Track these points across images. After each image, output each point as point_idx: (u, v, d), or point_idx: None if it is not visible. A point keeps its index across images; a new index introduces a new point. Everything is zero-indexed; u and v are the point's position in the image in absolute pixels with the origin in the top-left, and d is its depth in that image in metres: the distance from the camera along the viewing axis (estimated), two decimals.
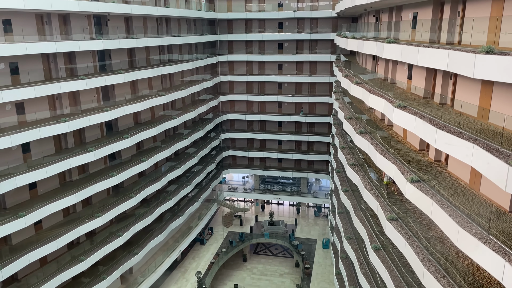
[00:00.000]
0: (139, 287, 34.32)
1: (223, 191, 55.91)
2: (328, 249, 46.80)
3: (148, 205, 36.39)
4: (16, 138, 22.53)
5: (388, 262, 18.51)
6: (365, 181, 21.49)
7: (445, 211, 12.72)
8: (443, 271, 13.64)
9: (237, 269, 45.16)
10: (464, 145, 11.40)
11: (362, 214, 23.12)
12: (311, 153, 51.78)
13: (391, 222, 17.08)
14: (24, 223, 23.42)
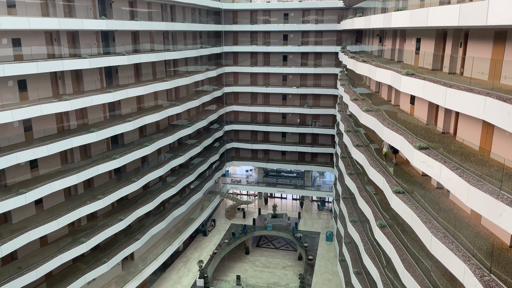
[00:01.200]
0: (140, 274, 33.97)
1: (226, 183, 55.56)
2: (332, 241, 46.26)
3: (150, 192, 36.07)
4: (18, 114, 22.29)
5: (394, 238, 18.09)
6: (370, 160, 21.09)
7: (455, 172, 12.31)
8: (451, 237, 13.20)
9: (240, 261, 44.74)
10: (475, 99, 11.00)
11: (367, 195, 22.69)
12: (315, 145, 51.34)
13: (398, 195, 16.67)
14: (24, 200, 23.17)
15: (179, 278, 39.16)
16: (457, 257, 12.23)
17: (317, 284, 38.13)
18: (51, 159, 26.90)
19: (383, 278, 19.31)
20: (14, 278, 23.25)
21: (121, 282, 32.57)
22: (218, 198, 51.48)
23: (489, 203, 10.54)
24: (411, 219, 15.32)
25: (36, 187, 24.03)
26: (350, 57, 25.37)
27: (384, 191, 18.49)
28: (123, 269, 34.82)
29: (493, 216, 10.46)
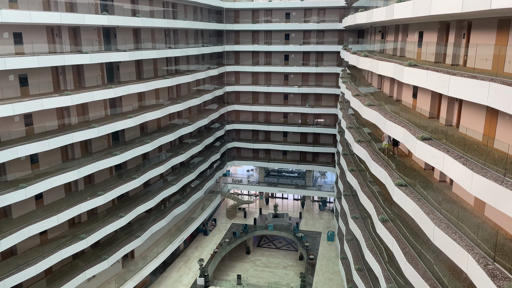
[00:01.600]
0: (140, 272, 33.80)
1: (227, 183, 55.42)
2: (333, 241, 46.04)
3: (151, 190, 35.95)
4: (19, 108, 22.25)
5: (396, 232, 17.93)
6: (372, 154, 20.95)
7: (458, 160, 12.17)
8: (454, 228, 13.05)
9: (240, 261, 44.54)
10: (479, 85, 10.87)
11: (369, 190, 22.54)
12: (317, 145, 51.20)
13: (400, 188, 16.52)
14: (24, 194, 23.08)
15: (179, 277, 38.97)
16: (460, 246, 12.07)
17: (318, 283, 37.89)
18: (52, 155, 26.83)
19: (385, 273, 19.12)
20: (13, 273, 23.09)
21: (121, 280, 32.40)
22: (219, 198, 51.33)
23: (493, 189, 10.40)
24: (414, 211, 15.17)
25: (36, 182, 23.93)
26: (352, 53, 25.26)
27: (386, 185, 18.35)
28: (123, 267, 34.65)
29: (498, 203, 10.32)
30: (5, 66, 21.48)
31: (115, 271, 33.65)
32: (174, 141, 41.26)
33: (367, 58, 21.14)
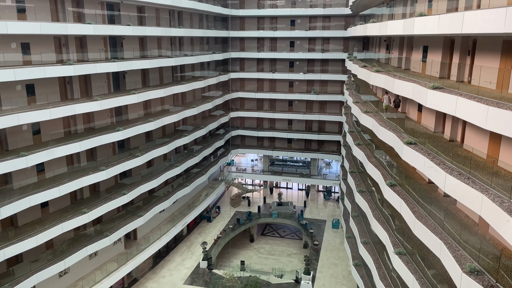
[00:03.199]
0: (143, 252, 33.42)
1: (231, 172, 55.01)
2: (338, 229, 45.44)
3: (154, 171, 35.59)
4: (20, 73, 21.95)
5: (404, 194, 17.39)
6: (380, 121, 20.43)
7: (473, 100, 11.66)
8: (466, 174, 12.53)
9: (244, 248, 44.03)
10: None
11: (376, 161, 22.01)
12: (322, 133, 50.64)
13: (410, 146, 16.01)
14: (25, 162, 22.77)
15: (182, 261, 38.55)
16: (474, 189, 11.56)
17: (323, 267, 37.32)
18: (53, 126, 26.54)
19: (392, 239, 18.59)
20: (13, 243, 22.74)
21: (123, 259, 32.03)
22: (223, 185, 50.94)
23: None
24: (424, 165, 14.65)
25: (38, 151, 23.62)
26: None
27: (395, 147, 17.83)
28: (125, 248, 34.26)
29: None
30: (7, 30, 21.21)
31: (118, 251, 33.29)
32: (178, 124, 40.89)
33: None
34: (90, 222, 30.40)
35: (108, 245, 30.14)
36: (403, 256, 17.07)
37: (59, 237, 27.61)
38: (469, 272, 11.60)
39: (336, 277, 35.68)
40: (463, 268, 11.81)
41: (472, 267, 11.64)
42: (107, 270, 30.32)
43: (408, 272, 16.03)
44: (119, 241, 33.49)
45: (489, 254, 12.27)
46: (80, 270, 29.70)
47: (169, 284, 34.55)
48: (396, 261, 17.15)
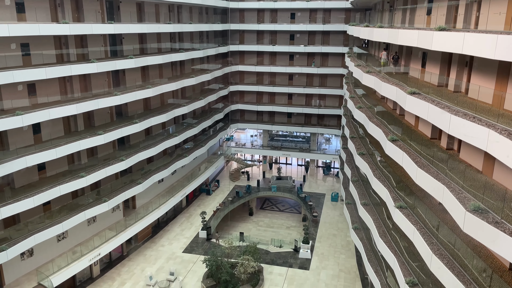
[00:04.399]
0: (142, 220, 33.32)
1: (231, 147, 54.75)
2: (337, 202, 45.43)
3: (153, 140, 35.26)
4: (14, 29, 21.37)
5: (406, 147, 17.10)
6: (382, 78, 20.02)
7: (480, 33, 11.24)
8: (472, 114, 12.20)
9: (243, 221, 44.05)
10: None
11: (377, 121, 21.65)
12: (323, 107, 50.17)
13: (414, 96, 15.64)
14: (21, 121, 22.38)
15: (181, 231, 38.57)
16: (480, 125, 11.23)
17: (322, 237, 37.36)
18: (50, 88, 26.08)
19: (393, 195, 18.38)
20: (10, 203, 22.52)
21: (122, 226, 31.96)
22: (222, 159, 50.74)
23: None
24: (427, 112, 14.31)
25: (34, 111, 23.22)
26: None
27: (398, 101, 17.48)
28: (124, 216, 34.16)
29: None
30: None
31: (117, 219, 33.20)
32: (176, 94, 40.41)
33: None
34: (89, 188, 30.30)
35: (106, 210, 30.01)
36: (403, 210, 16.88)
37: (58, 202, 27.51)
38: (473, 210, 11.37)
39: (334, 247, 35.73)
40: (466, 208, 11.57)
41: (476, 205, 11.41)
42: (106, 237, 30.25)
43: (409, 223, 15.85)
44: (117, 209, 33.39)
45: (494, 195, 12.03)
46: (78, 236, 29.65)
47: (168, 253, 34.60)
48: (397, 214, 16.96)
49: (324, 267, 32.66)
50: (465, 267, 12.79)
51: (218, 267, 29.27)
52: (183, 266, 32.61)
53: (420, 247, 14.82)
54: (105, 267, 32.05)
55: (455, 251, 13.70)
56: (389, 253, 18.33)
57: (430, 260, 13.93)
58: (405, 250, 18.10)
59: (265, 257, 33.91)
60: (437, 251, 13.88)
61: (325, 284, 30.41)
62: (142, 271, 31.66)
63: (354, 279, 31.07)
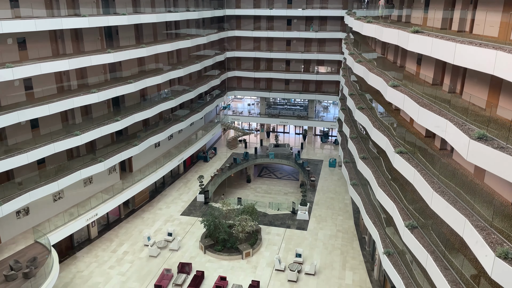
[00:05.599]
0: (139, 183, 33.12)
1: (228, 115, 54.20)
2: (335, 167, 45.33)
3: (149, 101, 34.70)
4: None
5: (407, 91, 16.67)
6: (383, 25, 19.39)
7: None
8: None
9: (241, 188, 44.01)
10: None
11: (378, 71, 21.14)
12: (321, 73, 49.42)
13: (417, 34, 15.10)
14: (11, 75, 21.72)
15: (179, 195, 38.47)
16: (486, 49, 10.77)
17: (320, 201, 37.37)
18: (41, 42, 25.28)
19: (393, 142, 18.08)
20: (3, 158, 22.10)
21: (119, 188, 31.74)
22: (219, 126, 50.28)
23: None
24: (431, 48, 13.81)
25: (25, 64, 22.54)
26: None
27: (400, 43, 16.94)
28: (121, 179, 33.91)
29: None
30: None
31: (113, 181, 32.94)
32: (172, 56, 39.57)
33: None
34: (85, 150, 29.92)
35: (103, 171, 29.76)
36: (404, 155, 16.59)
37: (53, 162, 27.16)
38: (478, 138, 11.06)
39: (332, 209, 35.78)
40: (471, 136, 11.25)
41: (480, 133, 11.08)
42: (103, 198, 30.05)
43: (409, 166, 15.60)
44: (114, 171, 33.11)
45: (498, 127, 11.70)
46: (75, 197, 29.43)
47: (166, 215, 34.55)
48: (397, 159, 16.69)
49: (321, 227, 32.75)
50: (468, 203, 12.57)
51: (216, 226, 29.26)
52: (181, 228, 32.61)
53: (421, 188, 14.61)
54: (103, 229, 32.03)
55: (456, 189, 13.47)
56: (388, 200, 18.18)
57: (431, 198, 13.73)
58: (405, 198, 17.94)
59: (263, 219, 33.96)
60: (438, 189, 13.66)
61: (323, 243, 30.53)
62: (140, 233, 31.65)
63: (352, 238, 31.20)
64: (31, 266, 21.90)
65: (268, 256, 28.81)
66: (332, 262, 28.09)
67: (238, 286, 25.07)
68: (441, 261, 13.73)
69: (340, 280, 26.26)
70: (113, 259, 28.42)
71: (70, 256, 28.67)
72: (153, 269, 27.31)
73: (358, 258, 28.65)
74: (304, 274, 26.72)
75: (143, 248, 29.60)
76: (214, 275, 26.56)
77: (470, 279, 12.47)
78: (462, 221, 11.82)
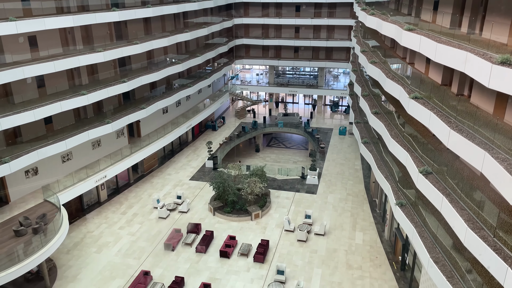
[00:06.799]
0: (148, 147, 32.91)
1: (236, 84, 53.50)
2: (345, 135, 44.71)
3: (156, 65, 34.17)
4: None
5: (423, 32, 15.88)
6: None
7: None
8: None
9: (250, 157, 43.66)
10: None
11: (392, 19, 20.25)
12: (331, 39, 48.19)
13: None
14: (15, 28, 21.30)
15: (188, 162, 38.31)
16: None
17: (329, 166, 36.92)
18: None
19: (406, 89, 17.39)
20: (9, 115, 21.88)
21: (127, 151, 31.61)
22: (227, 95, 49.68)
23: None
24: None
25: (29, 19, 22.05)
26: None
27: None
28: (129, 143, 33.74)
29: None
30: None
31: (122, 145, 32.78)
32: (179, 22, 38.77)
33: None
34: (92, 112, 29.68)
35: (111, 133, 29.57)
36: (419, 100, 15.93)
37: (60, 123, 26.99)
38: (501, 63, 10.38)
39: (342, 174, 35.34)
40: (493, 61, 10.57)
41: (504, 57, 10.38)
42: (111, 161, 29.93)
43: (425, 109, 14.96)
44: (122, 135, 32.93)
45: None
46: (84, 159, 29.34)
47: (175, 180, 34.47)
48: (412, 105, 16.05)
49: (331, 191, 32.40)
50: (487, 139, 11.98)
51: (225, 188, 29.07)
52: (190, 192, 32.52)
53: (437, 129, 14.01)
54: (112, 193, 32.08)
55: (475, 127, 12.85)
56: (401, 150, 17.63)
57: (448, 137, 13.14)
58: (418, 149, 17.38)
59: (272, 183, 33.73)
60: (456, 127, 13.05)
61: (333, 206, 30.22)
62: (149, 196, 31.65)
63: (362, 201, 30.83)
64: (41, 222, 21.95)
65: (278, 218, 28.64)
66: (342, 224, 27.82)
67: (248, 245, 24.99)
68: (456, 202, 13.25)
69: (350, 240, 26.02)
70: (122, 220, 28.50)
71: (80, 217, 28.81)
72: (162, 229, 27.34)
73: (368, 219, 28.34)
74: (313, 235, 26.53)
75: (152, 211, 29.62)
76: (223, 235, 26.50)
77: (486, 217, 12.00)
78: (482, 155, 11.26)
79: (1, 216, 23.34)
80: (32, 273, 22.55)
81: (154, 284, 21.71)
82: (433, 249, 14.66)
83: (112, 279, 22.66)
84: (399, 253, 22.64)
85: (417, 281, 20.00)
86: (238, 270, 23.26)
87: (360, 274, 22.73)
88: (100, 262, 24.10)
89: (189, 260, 24.22)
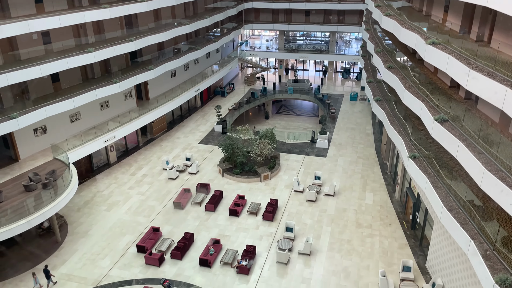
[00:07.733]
0: (156, 110, 32.60)
1: (246, 50, 52.49)
2: (356, 101, 43.87)
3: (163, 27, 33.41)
4: None
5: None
6: None
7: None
8: None
9: (259, 124, 43.15)
10: None
11: None
12: (343, 1, 46.59)
13: None
14: None
15: (197, 126, 38.05)
16: None
17: (340, 131, 36.35)
18: None
19: (424, 36, 16.59)
20: (16, 69, 21.60)
21: (136, 113, 31.38)
22: (236, 61, 48.78)
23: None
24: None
25: None
26: None
27: None
28: (138, 106, 33.48)
29: None
30: None
31: (130, 106, 32.53)
32: None
33: None
34: (100, 73, 29.32)
35: (118, 94, 29.26)
36: (436, 45, 15.18)
37: (68, 82, 26.73)
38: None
39: (353, 138, 34.79)
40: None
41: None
42: (120, 122, 29.77)
43: (443, 53, 14.25)
44: (130, 97, 32.64)
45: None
46: (92, 119, 29.19)
47: (184, 144, 34.31)
48: (429, 50, 15.32)
49: (341, 154, 31.96)
50: (509, 76, 11.32)
51: (234, 150, 28.80)
52: (199, 154, 32.36)
53: (455, 72, 13.35)
54: (122, 155, 32.08)
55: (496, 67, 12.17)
56: (416, 101, 17.00)
57: (467, 79, 12.50)
58: (434, 98, 16.73)
59: (282, 147, 33.39)
60: (476, 67, 12.38)
61: (343, 168, 29.86)
62: (158, 159, 31.57)
63: (373, 164, 30.39)
64: (50, 178, 22.01)
65: (287, 179, 28.41)
66: (352, 185, 27.50)
67: (257, 204, 24.90)
68: (473, 147, 12.74)
69: (360, 200, 25.76)
70: (132, 181, 28.55)
71: (90, 178, 28.92)
72: (172, 189, 27.35)
73: (379, 181, 27.97)
74: (323, 195, 26.31)
75: (161, 172, 29.59)
76: (233, 195, 26.42)
77: (506, 161, 11.50)
78: (503, 91, 10.66)
79: (11, 172, 23.47)
80: (43, 228, 22.80)
81: (164, 240, 21.82)
82: (447, 197, 14.26)
83: (122, 235, 22.83)
84: (410, 213, 22.32)
85: (427, 239, 19.74)
86: (247, 228, 23.24)
87: (370, 232, 22.55)
88: (110, 219, 24.27)
89: (199, 218, 24.26)
